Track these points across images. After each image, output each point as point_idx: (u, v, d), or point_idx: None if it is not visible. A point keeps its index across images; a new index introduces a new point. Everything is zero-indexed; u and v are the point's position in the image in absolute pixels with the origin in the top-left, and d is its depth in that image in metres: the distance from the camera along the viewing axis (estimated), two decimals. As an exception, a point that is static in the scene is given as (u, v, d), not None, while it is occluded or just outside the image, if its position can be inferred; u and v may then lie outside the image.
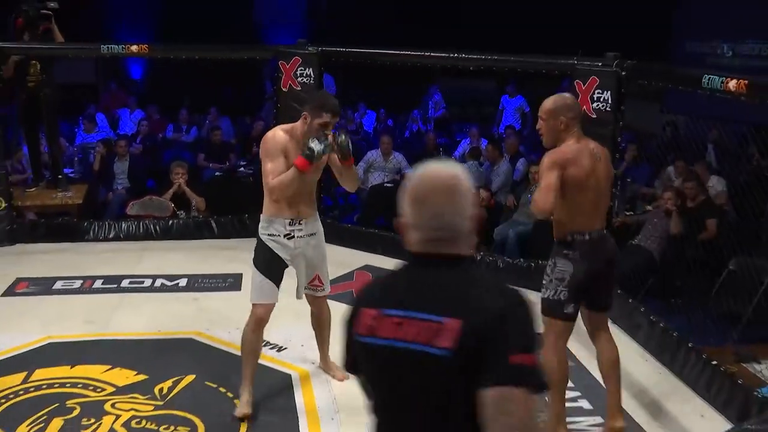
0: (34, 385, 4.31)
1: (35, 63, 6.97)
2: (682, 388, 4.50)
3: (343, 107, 11.33)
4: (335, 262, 6.39)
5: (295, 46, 6.87)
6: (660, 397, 4.39)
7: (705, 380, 4.38)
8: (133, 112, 11.02)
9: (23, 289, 5.80)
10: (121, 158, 8.46)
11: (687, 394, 4.43)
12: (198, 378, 4.40)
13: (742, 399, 4.09)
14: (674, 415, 4.21)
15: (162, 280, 6.00)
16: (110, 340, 4.93)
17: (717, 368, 4.33)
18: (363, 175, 8.47)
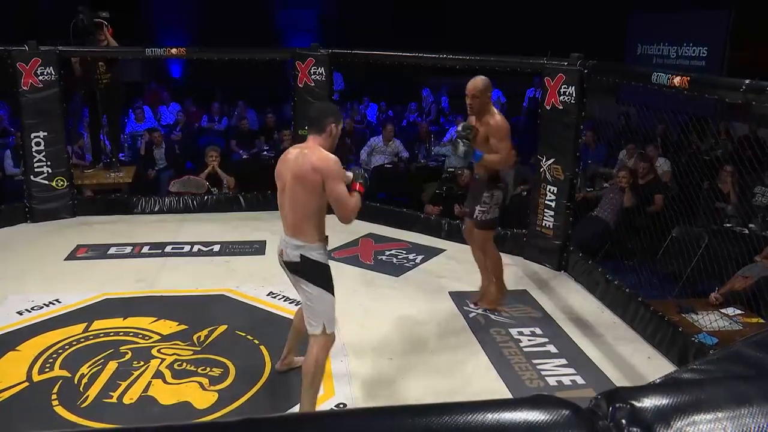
0: (93, 333, 4.30)
1: (102, 64, 6.88)
2: (632, 335, 4.49)
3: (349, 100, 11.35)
4: (344, 231, 6.38)
5: (309, 49, 6.78)
6: (613, 343, 4.38)
7: (651, 329, 4.38)
8: (170, 106, 10.90)
9: (83, 254, 5.77)
10: (158, 146, 8.40)
11: (636, 340, 4.42)
12: (229, 328, 4.39)
13: (682, 344, 4.08)
14: (626, 357, 4.20)
15: (199, 246, 5.96)
16: (156, 296, 4.91)
17: (661, 318, 4.32)
18: (366, 157, 8.42)
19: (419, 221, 6.52)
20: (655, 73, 4.23)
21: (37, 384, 3.72)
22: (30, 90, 6.31)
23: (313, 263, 3.28)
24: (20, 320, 4.47)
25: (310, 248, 3.24)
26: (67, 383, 3.72)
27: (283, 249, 3.28)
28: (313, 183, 3.10)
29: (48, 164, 6.52)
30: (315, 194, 3.13)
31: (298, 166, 3.14)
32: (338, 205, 3.17)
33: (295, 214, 3.20)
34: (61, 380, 3.75)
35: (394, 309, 4.79)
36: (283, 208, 3.26)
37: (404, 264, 5.68)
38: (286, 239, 3.26)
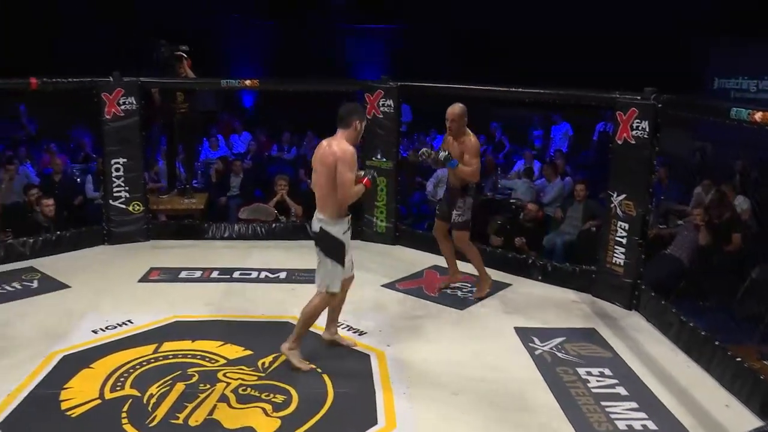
0: (163, 354, 4.43)
1: (180, 94, 7.20)
2: (708, 380, 4.29)
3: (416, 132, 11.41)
4: (408, 262, 6.45)
5: (379, 81, 6.89)
6: (688, 387, 4.20)
7: (730, 375, 4.17)
8: (242, 135, 11.24)
9: (155, 277, 5.97)
10: (237, 174, 8.66)
11: (713, 386, 4.23)
12: (293, 355, 4.43)
13: (764, 393, 3.87)
14: (701, 403, 4.01)
15: (266, 273, 6.07)
16: (223, 320, 5.03)
17: (741, 364, 4.11)
18: (432, 189, 8.44)
19: (484, 255, 6.42)
20: (734, 109, 4.10)
21: (109, 401, 3.85)
22: (112, 119, 6.65)
23: (329, 237, 4.08)
24: (95, 338, 4.66)
25: (328, 223, 4.07)
26: (137, 402, 3.84)
27: (313, 221, 4.13)
28: (331, 166, 3.96)
29: (126, 189, 6.82)
30: (331, 175, 3.97)
31: (323, 153, 4.03)
32: (341, 186, 3.97)
33: (320, 192, 4.07)
34: (131, 399, 3.87)
35: (457, 343, 4.74)
36: (314, 188, 4.13)
37: (469, 297, 5.63)
38: (315, 214, 4.12)
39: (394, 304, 5.43)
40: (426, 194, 8.56)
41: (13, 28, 11.38)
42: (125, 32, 12.25)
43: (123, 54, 11.81)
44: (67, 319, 4.98)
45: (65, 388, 3.98)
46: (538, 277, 6.09)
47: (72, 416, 3.70)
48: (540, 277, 6.07)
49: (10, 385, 3.98)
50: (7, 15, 11.49)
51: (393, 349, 4.59)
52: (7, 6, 11.54)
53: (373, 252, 6.76)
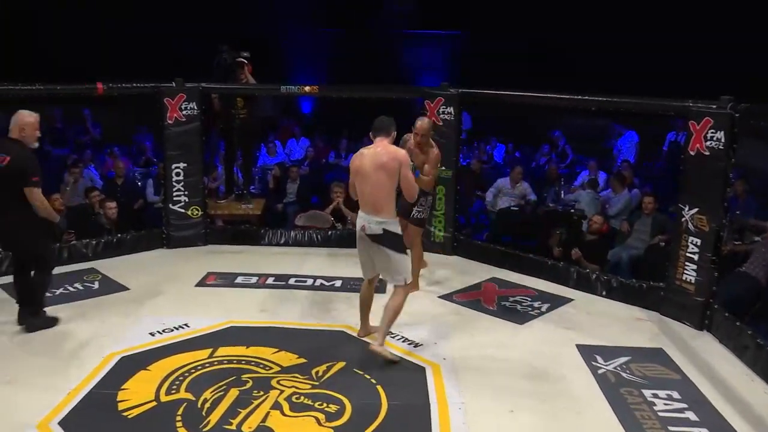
0: (217, 359, 4.52)
1: (240, 100, 7.37)
2: (787, 409, 4.10)
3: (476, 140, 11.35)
4: (466, 273, 6.41)
5: (439, 88, 6.89)
6: (765, 415, 4.01)
7: (811, 403, 3.98)
8: (299, 141, 11.40)
9: (212, 281, 6.10)
10: (293, 180, 8.78)
11: (792, 414, 4.04)
12: (348, 365, 4.46)
13: None
14: (779, 433, 3.84)
15: (321, 281, 6.13)
16: (278, 327, 5.09)
17: (824, 393, 3.92)
18: (492, 199, 8.37)
19: (546, 268, 6.36)
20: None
21: (164, 404, 3.95)
22: (174, 124, 6.85)
23: (393, 234, 4.49)
24: (152, 341, 4.80)
25: (389, 223, 4.47)
26: (191, 406, 3.92)
27: (365, 224, 4.46)
28: (393, 170, 4.38)
29: (185, 194, 7.00)
30: (392, 178, 4.40)
31: (379, 158, 4.40)
32: (407, 185, 4.45)
33: (378, 196, 4.42)
34: (185, 403, 3.96)
35: (516, 358, 4.68)
36: (364, 193, 4.48)
37: (529, 312, 5.55)
38: (368, 217, 4.46)
39: (451, 316, 5.40)
40: (485, 204, 8.50)
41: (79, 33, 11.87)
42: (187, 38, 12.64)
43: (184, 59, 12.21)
44: (126, 320, 5.15)
45: (122, 389, 4.10)
46: (602, 292, 5.95)
47: (128, 417, 3.81)
48: (604, 293, 5.94)
49: (70, 383, 4.13)
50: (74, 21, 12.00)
51: (449, 362, 4.56)
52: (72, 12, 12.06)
53: (430, 262, 6.71)
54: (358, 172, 4.49)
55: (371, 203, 4.45)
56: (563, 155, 10.98)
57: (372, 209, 4.45)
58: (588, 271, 6.17)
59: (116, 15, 12.33)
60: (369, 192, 4.45)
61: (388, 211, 4.45)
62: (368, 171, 4.42)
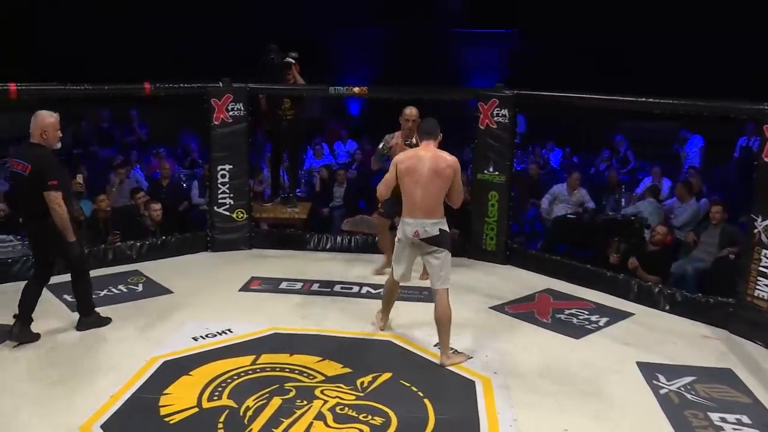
0: (260, 366, 4.57)
1: (287, 101, 7.45)
2: None
3: (531, 144, 11.24)
4: (520, 284, 6.34)
5: (493, 89, 6.84)
6: None
7: None
8: (347, 143, 11.46)
9: (256, 286, 6.18)
10: (340, 184, 8.84)
11: None
12: (394, 376, 4.45)
13: None
14: None
15: (367, 288, 6.14)
16: (322, 335, 5.12)
17: None
18: (548, 206, 8.26)
19: (604, 279, 6.24)
20: None
21: (206, 411, 4.01)
22: (220, 125, 6.97)
23: (447, 233, 4.65)
24: (195, 346, 4.88)
25: (442, 223, 4.62)
26: (233, 414, 3.97)
27: (418, 230, 4.57)
28: (449, 177, 4.55)
29: (231, 196, 7.12)
30: (446, 185, 4.56)
31: (437, 164, 4.54)
32: (458, 192, 4.64)
33: (432, 199, 4.56)
34: (227, 410, 4.01)
35: (572, 375, 4.60)
36: (414, 198, 4.56)
37: (585, 326, 5.45)
38: (421, 221, 4.57)
39: (503, 329, 5.35)
40: (540, 211, 8.39)
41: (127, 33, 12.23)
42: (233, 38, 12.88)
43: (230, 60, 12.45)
44: (169, 324, 5.25)
45: (164, 393, 4.18)
46: (665, 307, 5.81)
47: (170, 423, 3.88)
48: (667, 308, 5.80)
49: (113, 387, 4.24)
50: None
51: (500, 376, 4.51)
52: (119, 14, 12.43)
53: (480, 271, 6.70)
54: (410, 173, 4.57)
55: (423, 208, 4.56)
56: (624, 161, 10.78)
57: (424, 213, 4.57)
58: (650, 284, 6.03)
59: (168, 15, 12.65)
60: (422, 196, 4.55)
61: (439, 213, 4.62)
62: (425, 175, 4.54)
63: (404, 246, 4.71)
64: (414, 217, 4.58)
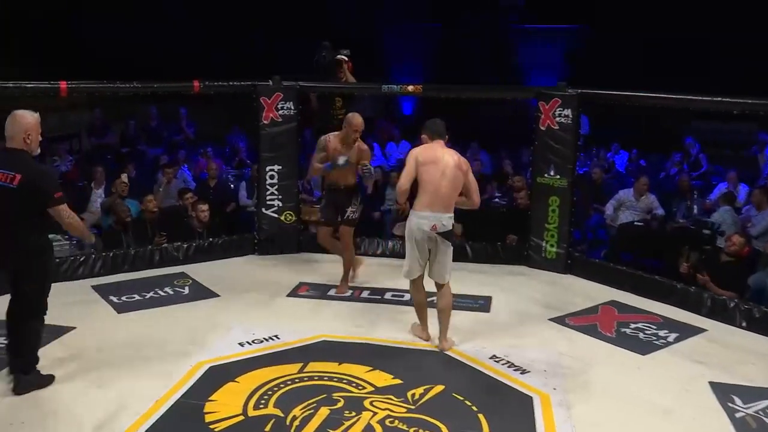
0: (308, 375, 4.59)
1: (338, 99, 7.50)
2: None
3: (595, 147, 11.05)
4: (581, 295, 6.25)
5: (555, 88, 6.77)
6: None
7: None
8: (399, 144, 11.46)
9: (304, 292, 6.23)
10: (393, 186, 8.82)
11: None
12: (447, 389, 4.43)
13: None
14: None
15: (419, 296, 6.13)
16: (372, 344, 5.13)
17: None
18: (613, 212, 8.10)
19: (674, 292, 6.09)
20: None
21: (252, 419, 4.06)
22: (270, 124, 7.06)
23: (452, 230, 4.92)
24: (241, 352, 4.95)
25: (452, 217, 4.88)
26: (279, 423, 4.00)
27: (435, 223, 4.76)
28: (465, 173, 4.87)
29: (279, 198, 7.20)
30: (462, 181, 4.85)
31: (456, 159, 4.85)
32: (476, 190, 4.99)
33: (452, 193, 4.83)
34: (273, 419, 4.04)
35: (637, 393, 4.50)
36: (439, 191, 4.77)
37: (653, 341, 5.33)
38: (438, 215, 4.78)
39: (563, 342, 5.27)
40: (604, 218, 8.24)
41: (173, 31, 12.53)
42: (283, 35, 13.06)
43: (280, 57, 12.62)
44: (215, 329, 5.33)
45: (210, 400, 4.25)
46: (742, 323, 5.64)
47: (215, 430, 3.93)
48: (744, 324, 5.63)
49: (158, 391, 4.32)
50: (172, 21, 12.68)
51: (560, 393, 4.44)
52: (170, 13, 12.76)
53: (540, 280, 6.62)
54: (435, 163, 4.80)
55: (444, 201, 4.82)
56: (696, 165, 10.49)
57: (443, 207, 4.81)
58: (724, 298, 5.85)
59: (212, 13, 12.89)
60: (446, 189, 4.81)
61: (452, 209, 4.90)
62: (450, 169, 4.81)
63: (422, 240, 4.87)
64: (432, 210, 4.77)
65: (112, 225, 7.16)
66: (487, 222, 7.50)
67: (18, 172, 4.04)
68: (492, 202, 8.62)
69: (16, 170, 4.05)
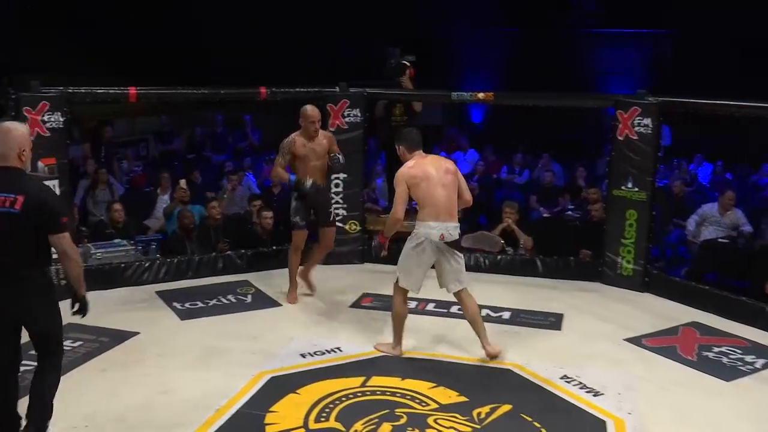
0: (370, 389, 4.62)
1: (400, 105, 7.54)
2: None
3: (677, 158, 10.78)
4: (659, 315, 6.10)
5: (634, 96, 6.64)
6: None
7: None
8: (467, 153, 11.43)
9: (368, 303, 6.27)
10: (460, 196, 8.81)
11: None
12: (514, 409, 4.38)
13: None
14: None
15: (487, 311, 6.04)
16: (437, 360, 5.12)
17: None
18: (695, 228, 7.89)
19: (763, 315, 5.87)
20: None
21: (313, 433, 4.10)
22: (335, 131, 7.12)
23: (459, 239, 5.07)
24: (303, 363, 5.02)
25: (459, 226, 5.02)
26: (341, 438, 4.04)
27: (443, 233, 4.88)
28: (455, 173, 5.05)
29: (344, 207, 7.27)
30: (456, 183, 5.01)
31: (445, 165, 5.05)
32: (466, 189, 5.10)
33: (452, 201, 4.96)
34: (335, 433, 4.08)
35: (719, 422, 4.37)
36: (439, 200, 4.89)
37: (738, 366, 5.15)
38: (445, 224, 4.90)
39: (639, 364, 5.15)
40: (686, 234, 8.02)
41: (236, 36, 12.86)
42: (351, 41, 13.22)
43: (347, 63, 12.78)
44: (277, 339, 5.42)
45: (271, 411, 4.31)
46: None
47: (276, 442, 4.00)
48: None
49: (219, 400, 4.42)
50: None
51: (635, 418, 4.35)
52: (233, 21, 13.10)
53: (614, 298, 6.49)
54: (427, 178, 4.91)
55: (447, 210, 4.94)
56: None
57: (448, 215, 4.93)
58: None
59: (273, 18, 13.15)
60: (446, 198, 4.94)
61: (456, 216, 5.03)
62: (442, 177, 4.95)
63: (423, 252, 4.95)
64: (438, 219, 4.89)
65: (176, 231, 7.36)
66: (558, 235, 7.43)
67: (20, 194, 3.52)
68: (564, 214, 8.51)
69: (16, 191, 3.52)
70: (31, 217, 3.53)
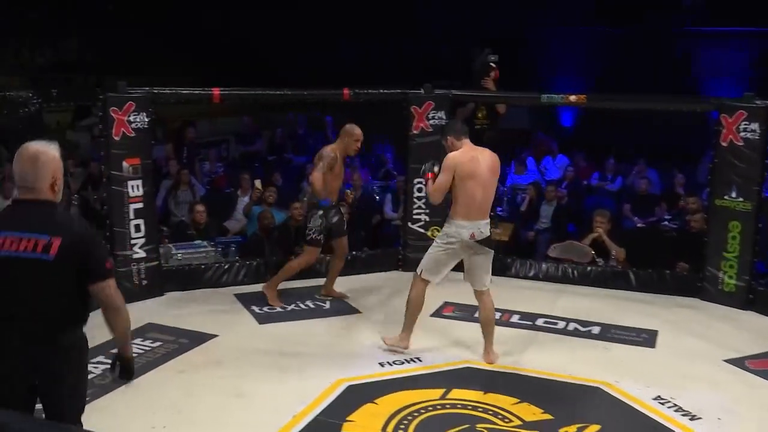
0: (450, 402, 4.60)
1: (483, 108, 7.49)
2: None
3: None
4: (765, 334, 5.85)
5: (741, 99, 6.41)
6: None
7: None
8: (556, 158, 11.24)
9: (449, 313, 6.25)
10: (549, 202, 8.70)
11: None
12: (603, 430, 4.28)
13: None
14: None
15: (575, 325, 5.98)
16: (521, 374, 5.06)
17: None
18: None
19: None
20: None
21: (391, 444, 4.11)
22: (419, 134, 7.16)
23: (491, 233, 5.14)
24: (381, 372, 5.04)
25: (489, 223, 5.08)
26: (419, 451, 4.04)
27: (474, 232, 4.93)
28: (498, 171, 5.16)
29: (426, 212, 7.27)
30: (495, 184, 5.18)
31: (492, 163, 5.07)
32: None
33: (488, 200, 5.06)
34: (413, 447, 4.08)
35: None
36: (476, 199, 4.95)
37: None
38: (476, 223, 4.96)
39: (742, 387, 4.96)
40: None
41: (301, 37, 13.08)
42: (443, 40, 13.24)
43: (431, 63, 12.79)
44: (355, 346, 5.48)
45: (348, 420, 4.34)
46: None
47: (353, 452, 4.03)
48: None
49: (296, 407, 4.47)
50: None
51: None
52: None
53: (714, 315, 6.27)
54: (473, 176, 4.94)
55: (483, 208, 5.02)
56: None
57: (482, 214, 5.01)
58: None
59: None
60: (483, 197, 5.00)
61: (488, 214, 5.11)
62: (486, 176, 5.02)
63: (452, 251, 5.06)
64: (470, 219, 4.95)
65: (257, 232, 7.52)
66: (654, 247, 7.23)
67: (56, 235, 2.89)
68: (660, 225, 8.28)
69: (51, 232, 2.90)
70: (69, 265, 2.90)
